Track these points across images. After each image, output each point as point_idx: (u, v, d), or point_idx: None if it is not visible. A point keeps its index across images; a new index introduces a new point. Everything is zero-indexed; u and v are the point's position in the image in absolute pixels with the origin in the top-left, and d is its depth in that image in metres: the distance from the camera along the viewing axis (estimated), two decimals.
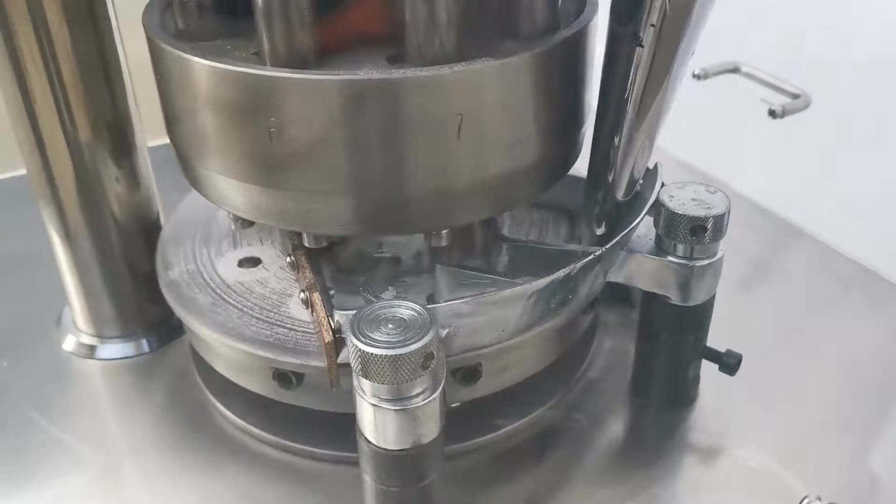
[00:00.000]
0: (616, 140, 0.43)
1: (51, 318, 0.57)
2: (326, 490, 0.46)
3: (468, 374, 0.45)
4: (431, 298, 0.46)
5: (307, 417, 0.47)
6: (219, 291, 0.48)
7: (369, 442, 0.38)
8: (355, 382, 0.37)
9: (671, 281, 0.46)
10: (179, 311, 0.47)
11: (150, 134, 0.53)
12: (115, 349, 0.54)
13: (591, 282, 0.45)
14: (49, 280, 0.55)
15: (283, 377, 0.45)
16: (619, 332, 0.57)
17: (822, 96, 0.71)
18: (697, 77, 0.72)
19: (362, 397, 0.37)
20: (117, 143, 0.50)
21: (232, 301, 0.47)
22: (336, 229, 0.42)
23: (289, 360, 0.43)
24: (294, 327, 0.45)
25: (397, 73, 0.37)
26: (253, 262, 0.50)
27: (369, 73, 0.37)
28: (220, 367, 0.48)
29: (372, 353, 0.35)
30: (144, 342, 0.55)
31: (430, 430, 0.38)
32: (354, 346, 0.36)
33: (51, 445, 0.48)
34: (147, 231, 0.53)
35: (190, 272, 0.49)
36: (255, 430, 0.49)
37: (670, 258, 0.46)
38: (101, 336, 0.54)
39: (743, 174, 0.76)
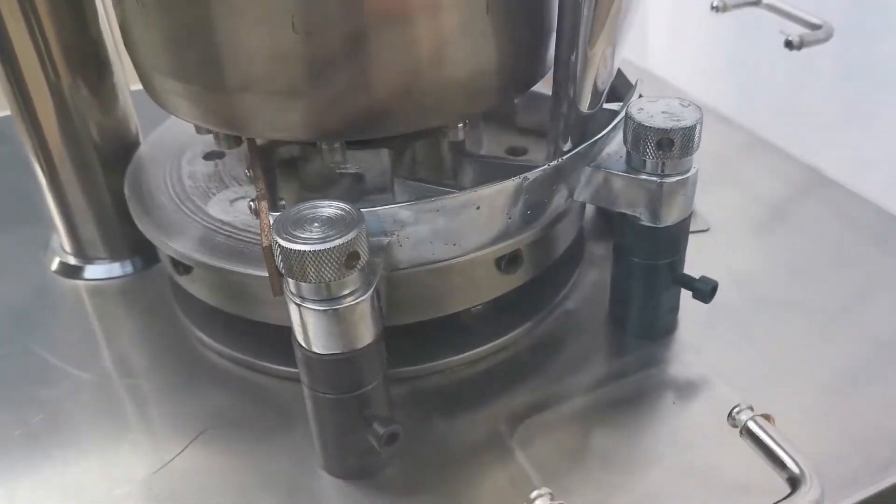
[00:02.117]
0: (576, 48, 0.41)
1: (42, 244, 0.58)
2: (285, 406, 0.46)
3: (511, 260, 0.45)
4: None
5: (272, 337, 0.47)
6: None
7: (301, 346, 0.38)
8: (284, 285, 0.37)
9: (641, 199, 0.44)
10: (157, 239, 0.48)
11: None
12: (100, 270, 0.55)
13: (553, 197, 0.44)
14: (43, 210, 0.56)
15: None
16: (604, 265, 0.54)
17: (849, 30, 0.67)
18: (716, 9, 0.69)
19: (291, 299, 0.37)
20: (92, 66, 0.51)
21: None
22: (297, 135, 0.42)
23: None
24: None
25: None
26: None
27: None
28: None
29: (292, 250, 0.34)
30: (129, 263, 0.56)
31: (364, 334, 0.37)
32: (278, 244, 0.35)
33: (35, 361, 0.50)
34: (127, 155, 0.54)
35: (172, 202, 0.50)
36: (223, 349, 0.49)
37: (640, 175, 0.44)
38: (86, 257, 0.55)
39: (764, 114, 0.73)
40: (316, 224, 0.35)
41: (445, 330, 0.48)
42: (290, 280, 0.36)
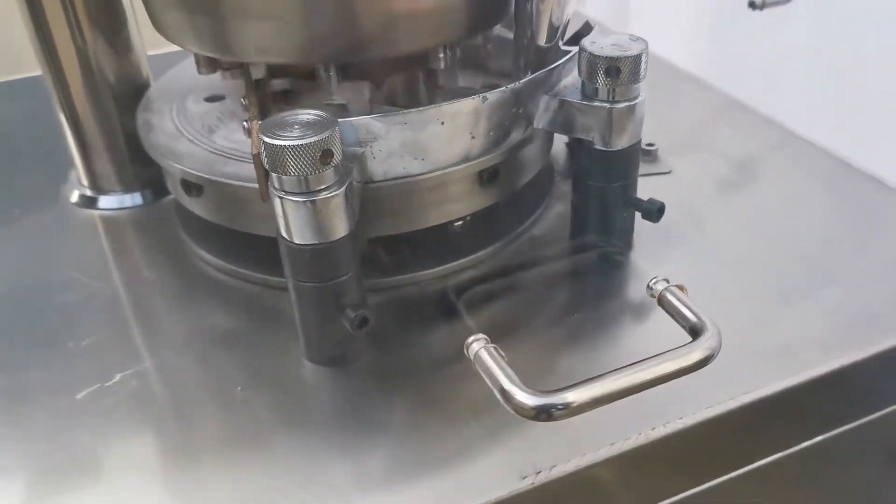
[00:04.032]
0: None
1: (63, 179, 0.65)
2: (274, 312, 0.51)
3: (491, 175, 0.50)
4: None
5: (264, 252, 0.52)
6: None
7: (284, 238, 0.43)
8: (269, 182, 0.42)
9: (594, 124, 0.49)
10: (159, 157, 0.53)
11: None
12: (113, 201, 0.61)
13: (514, 121, 0.49)
14: (64, 148, 0.62)
15: None
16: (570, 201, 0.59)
17: None
18: None
19: (274, 193, 0.42)
20: (110, 19, 0.57)
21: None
22: (282, 57, 0.47)
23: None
24: None
25: None
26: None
27: None
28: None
29: (274, 145, 0.40)
30: (139, 195, 0.61)
31: (338, 227, 0.42)
32: (263, 142, 0.40)
33: (56, 274, 0.55)
34: (138, 98, 0.60)
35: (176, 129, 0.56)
36: (220, 263, 0.54)
37: (593, 102, 0.49)
38: (101, 190, 0.62)
39: (737, 77, 0.77)
40: (296, 126, 0.41)
41: (420, 247, 0.53)
42: (274, 176, 0.41)
